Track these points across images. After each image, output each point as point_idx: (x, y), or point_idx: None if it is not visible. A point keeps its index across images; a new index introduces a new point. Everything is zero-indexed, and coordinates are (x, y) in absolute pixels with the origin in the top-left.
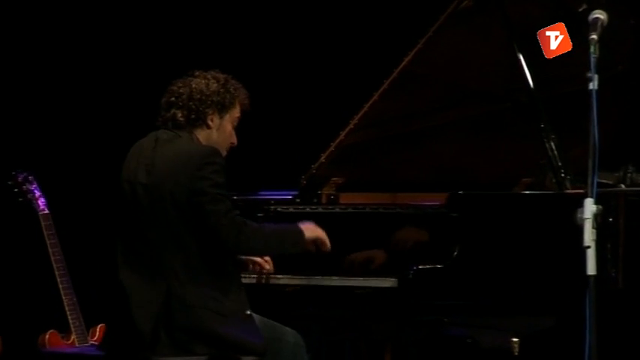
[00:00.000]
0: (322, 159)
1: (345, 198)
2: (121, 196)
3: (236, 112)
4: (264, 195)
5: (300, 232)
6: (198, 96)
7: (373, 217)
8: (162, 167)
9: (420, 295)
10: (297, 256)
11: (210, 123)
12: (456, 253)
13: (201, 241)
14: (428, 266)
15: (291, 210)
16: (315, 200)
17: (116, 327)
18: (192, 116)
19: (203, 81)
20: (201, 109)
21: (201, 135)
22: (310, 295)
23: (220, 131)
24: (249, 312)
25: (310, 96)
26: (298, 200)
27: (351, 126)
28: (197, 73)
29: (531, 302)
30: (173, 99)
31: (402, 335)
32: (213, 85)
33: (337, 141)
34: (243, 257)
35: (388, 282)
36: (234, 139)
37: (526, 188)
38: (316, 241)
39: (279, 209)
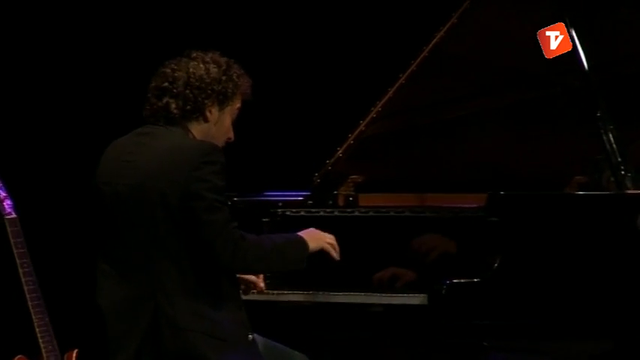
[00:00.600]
0: (339, 153)
1: (366, 199)
2: (99, 201)
3: (237, 104)
4: (271, 196)
5: (304, 245)
6: (197, 83)
7: (398, 222)
8: (151, 164)
9: (453, 314)
10: (307, 268)
11: (208, 115)
12: (496, 265)
13: (194, 252)
14: (463, 280)
15: (302, 214)
16: (331, 202)
17: (94, 352)
18: (189, 107)
19: (202, 65)
20: (199, 99)
21: (197, 129)
22: (323, 313)
23: (219, 125)
24: (251, 336)
25: (325, 79)
26: (310, 202)
27: (373, 115)
28: (194, 55)
29: (586, 323)
30: (166, 84)
31: None
32: (214, 71)
33: (356, 132)
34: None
35: (416, 299)
36: (232, 134)
37: (579, 188)
38: (323, 251)
39: (287, 213)
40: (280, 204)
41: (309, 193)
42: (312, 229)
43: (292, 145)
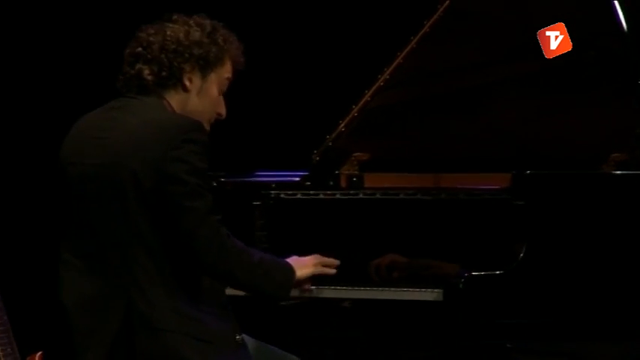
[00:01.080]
0: (341, 127)
1: (372, 180)
2: (63, 183)
3: (225, 72)
4: (263, 176)
5: (292, 273)
6: (174, 46)
7: (409, 206)
8: (123, 142)
9: (473, 312)
10: (298, 254)
11: (187, 84)
12: (521, 255)
13: (172, 243)
14: (484, 272)
15: (299, 196)
16: (332, 183)
17: (59, 356)
18: (164, 73)
19: (182, 27)
20: (175, 63)
21: (175, 100)
22: (323, 310)
23: (202, 96)
24: (239, 337)
25: (325, 43)
26: (309, 183)
27: (380, 83)
28: (175, 17)
29: (624, 322)
30: (140, 49)
31: None
32: (196, 34)
33: (361, 103)
34: None
35: (430, 294)
36: (222, 109)
37: (617, 167)
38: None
39: (282, 195)
40: (274, 185)
41: (306, 173)
42: (294, 258)
43: (288, 118)
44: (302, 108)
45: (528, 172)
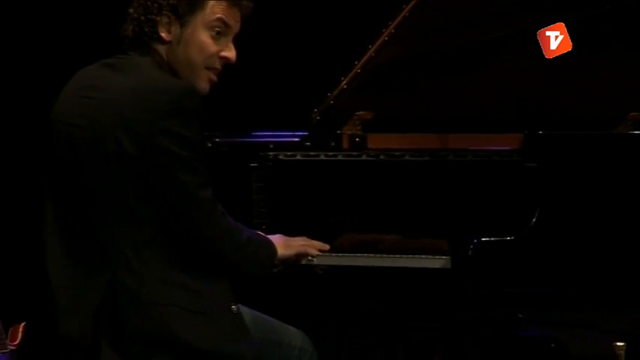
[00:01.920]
0: (343, 85)
1: (376, 140)
2: (52, 144)
3: (210, 13)
4: (260, 136)
5: (274, 251)
6: (149, 1)
7: (415, 168)
8: (108, 103)
9: (482, 281)
10: (299, 221)
11: (163, 35)
12: (533, 220)
13: (162, 213)
14: (494, 238)
15: (299, 158)
16: (333, 144)
17: (44, 326)
18: (145, 29)
19: None
20: (149, 16)
21: (162, 52)
22: (324, 280)
23: (186, 44)
24: (235, 307)
25: None
26: (308, 144)
27: (385, 38)
28: None
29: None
30: (130, 10)
31: (458, 338)
32: None
33: (364, 59)
34: None
35: (438, 262)
36: (227, 53)
37: (636, 126)
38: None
39: (280, 157)
40: (272, 146)
41: (306, 133)
42: (279, 236)
43: (286, 74)
44: (302, 63)
45: (540, 132)
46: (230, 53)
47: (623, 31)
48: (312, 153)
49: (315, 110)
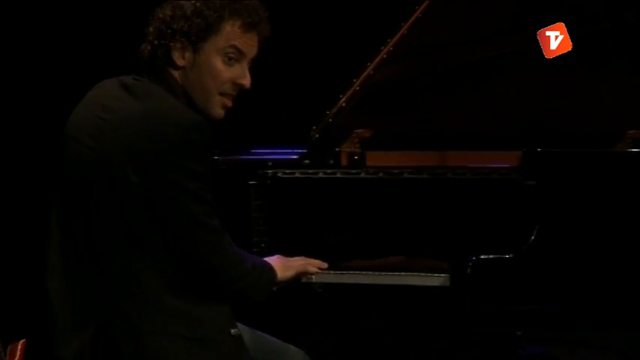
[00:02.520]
0: (342, 102)
1: (374, 158)
2: (63, 160)
3: (224, 40)
4: (259, 154)
5: (274, 276)
6: (158, 24)
7: (414, 186)
8: (119, 128)
9: (481, 298)
10: (298, 238)
11: (177, 61)
12: (532, 238)
13: (167, 242)
14: (493, 256)
15: (297, 175)
16: (332, 161)
17: (44, 344)
18: (159, 53)
19: (182, 3)
20: (163, 41)
21: (176, 76)
22: (323, 298)
23: (199, 69)
24: (235, 330)
25: (325, 10)
26: (308, 161)
27: (383, 55)
28: None
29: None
30: (148, 30)
31: (457, 355)
32: (185, 7)
33: (363, 77)
34: None
35: (437, 279)
36: (242, 79)
37: (634, 144)
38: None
39: (279, 174)
40: (270, 163)
41: (305, 151)
42: (277, 257)
43: (285, 92)
44: (301, 81)
45: (539, 150)
46: (244, 80)
47: (623, 48)
48: (310, 171)
49: (314, 128)
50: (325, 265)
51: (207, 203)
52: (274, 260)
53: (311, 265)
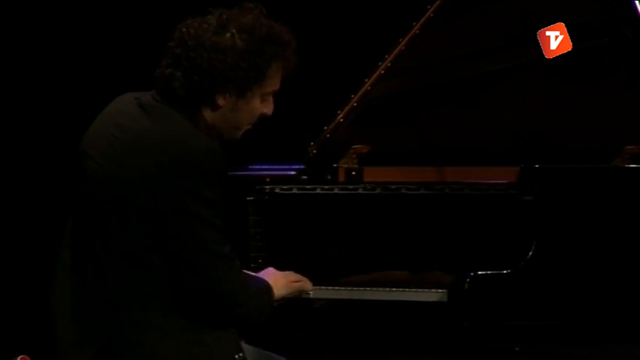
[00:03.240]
0: (339, 118)
1: (372, 174)
2: (78, 173)
3: (269, 86)
4: (256, 170)
5: (272, 296)
6: (207, 66)
7: (411, 202)
8: (130, 149)
9: (479, 313)
10: (298, 259)
11: (220, 102)
12: (530, 253)
13: (173, 265)
14: (490, 272)
15: (295, 191)
16: (330, 177)
17: None
18: (195, 91)
19: (227, 36)
20: (207, 86)
21: (206, 114)
22: (321, 314)
23: (237, 111)
24: (238, 355)
25: (323, 27)
26: (305, 177)
27: (381, 71)
28: (224, 18)
29: (638, 324)
30: (178, 51)
31: None
32: (236, 51)
33: (361, 93)
34: None
35: (434, 295)
36: (268, 110)
37: (632, 160)
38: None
39: (277, 190)
40: (268, 179)
41: (302, 167)
42: (271, 271)
43: (283, 107)
44: (298, 97)
45: (537, 165)
46: (270, 110)
47: (621, 64)
48: (308, 186)
49: (312, 143)
50: (309, 285)
51: (217, 230)
52: (268, 275)
53: (297, 280)
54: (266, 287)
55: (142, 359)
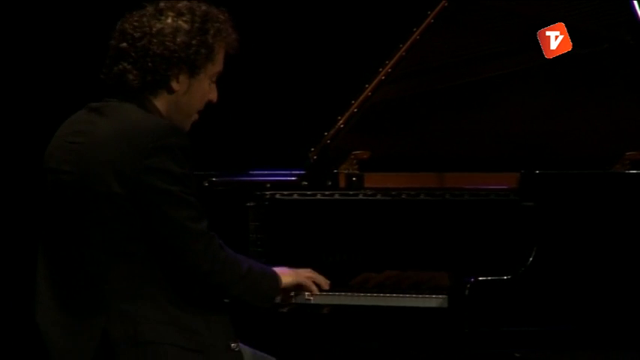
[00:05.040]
0: (340, 124)
1: (373, 179)
2: (43, 190)
3: (216, 67)
4: (257, 175)
5: (278, 281)
6: (160, 50)
7: (412, 207)
8: (95, 148)
9: (479, 319)
10: (296, 260)
11: (174, 86)
12: (530, 259)
13: (158, 254)
14: (490, 277)
15: (296, 197)
16: (330, 183)
17: None
18: (149, 78)
19: (170, 23)
20: (161, 70)
21: (162, 100)
22: (322, 319)
23: (191, 94)
24: (234, 344)
25: (324, 33)
26: (306, 183)
27: (381, 77)
28: (162, 5)
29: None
30: (124, 45)
31: None
32: (183, 32)
33: (361, 98)
34: None
35: (434, 301)
36: (213, 96)
37: (632, 166)
38: (302, 287)
39: (277, 196)
40: (268, 185)
41: (303, 172)
42: (284, 268)
43: (283, 113)
44: (299, 103)
45: (537, 171)
46: (215, 95)
47: (621, 69)
48: (309, 192)
49: (312, 149)
50: (327, 285)
51: (191, 207)
52: (280, 269)
53: (315, 279)
54: (266, 271)
55: (139, 347)
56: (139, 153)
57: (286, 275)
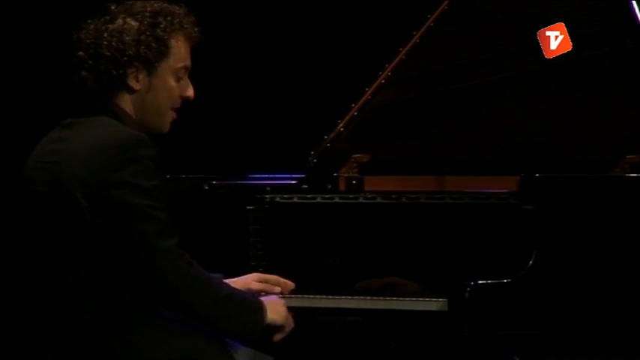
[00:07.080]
0: (340, 127)
1: (373, 183)
2: (23, 209)
3: (177, 60)
4: (257, 179)
5: (262, 314)
6: (110, 51)
7: (412, 211)
8: (66, 165)
9: (479, 323)
10: (297, 266)
11: (134, 85)
12: (530, 262)
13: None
14: (490, 281)
15: (295, 200)
16: (330, 186)
17: None
18: (105, 81)
19: (120, 22)
20: (114, 71)
21: (128, 102)
22: (316, 322)
23: (154, 91)
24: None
25: (323, 36)
26: (306, 186)
27: (381, 80)
28: (113, 8)
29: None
30: (81, 53)
31: None
32: (132, 31)
33: (361, 102)
34: None
35: (434, 304)
36: (188, 92)
37: (632, 169)
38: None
39: (277, 199)
40: (268, 188)
41: (303, 176)
42: (273, 298)
43: (283, 116)
44: (298, 106)
45: (537, 175)
46: (190, 91)
47: (621, 73)
48: (308, 195)
49: (312, 153)
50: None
51: (159, 222)
52: (270, 299)
53: (284, 331)
54: (251, 301)
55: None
56: (107, 167)
57: (272, 312)
